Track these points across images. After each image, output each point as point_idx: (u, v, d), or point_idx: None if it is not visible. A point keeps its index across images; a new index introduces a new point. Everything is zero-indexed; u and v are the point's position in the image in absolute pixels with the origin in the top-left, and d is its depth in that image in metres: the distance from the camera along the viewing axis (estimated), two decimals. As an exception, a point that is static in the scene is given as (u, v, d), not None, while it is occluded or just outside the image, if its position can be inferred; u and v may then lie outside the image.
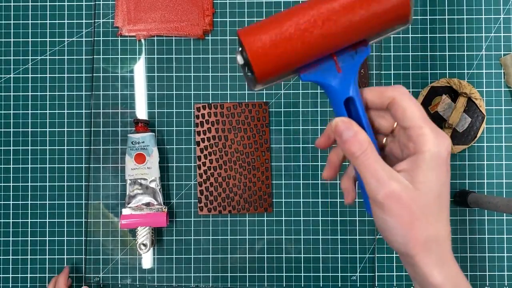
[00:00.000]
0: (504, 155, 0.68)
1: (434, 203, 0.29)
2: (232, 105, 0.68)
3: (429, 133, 0.29)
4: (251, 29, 0.30)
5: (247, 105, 0.68)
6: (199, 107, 0.68)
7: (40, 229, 0.69)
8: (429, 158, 0.29)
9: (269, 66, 0.30)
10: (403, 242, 0.30)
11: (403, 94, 0.30)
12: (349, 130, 0.30)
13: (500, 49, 0.69)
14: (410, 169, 0.29)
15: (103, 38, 0.70)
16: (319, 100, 0.69)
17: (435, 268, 0.30)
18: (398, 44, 0.69)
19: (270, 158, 0.69)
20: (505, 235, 0.68)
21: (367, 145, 0.30)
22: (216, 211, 0.68)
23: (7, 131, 0.69)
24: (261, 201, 0.68)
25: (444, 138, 0.29)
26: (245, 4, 0.70)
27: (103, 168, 0.69)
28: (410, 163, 0.30)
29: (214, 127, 0.68)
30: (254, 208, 0.68)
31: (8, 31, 0.70)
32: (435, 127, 0.30)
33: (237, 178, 0.68)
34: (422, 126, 0.29)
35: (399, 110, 0.30)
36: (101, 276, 0.69)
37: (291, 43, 0.29)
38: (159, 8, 0.69)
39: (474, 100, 0.67)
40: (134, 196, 0.66)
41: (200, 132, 0.68)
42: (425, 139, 0.29)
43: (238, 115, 0.68)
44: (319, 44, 0.30)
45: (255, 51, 0.29)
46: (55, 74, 0.70)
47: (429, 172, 0.29)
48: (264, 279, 0.68)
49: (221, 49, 0.70)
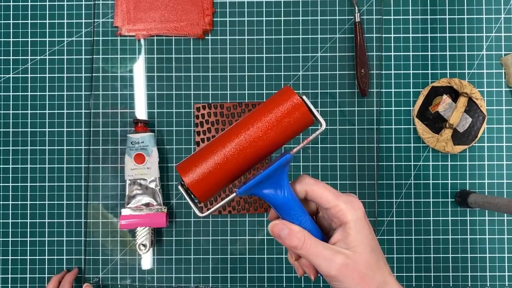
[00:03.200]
0: (504, 155, 0.68)
1: (371, 257, 0.36)
2: (232, 105, 0.68)
3: (345, 207, 0.36)
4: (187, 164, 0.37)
5: (247, 105, 0.68)
6: (198, 107, 0.68)
7: (40, 229, 0.69)
8: (353, 225, 0.36)
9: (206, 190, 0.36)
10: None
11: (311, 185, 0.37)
12: (284, 229, 0.36)
13: (501, 49, 0.69)
14: (343, 238, 0.36)
15: (103, 38, 0.70)
16: (319, 100, 0.69)
17: None
18: (398, 44, 0.69)
19: (270, 158, 0.68)
20: (506, 235, 0.68)
21: (303, 235, 0.36)
22: (216, 212, 0.68)
23: (7, 131, 0.69)
24: (261, 201, 0.68)
25: (356, 203, 0.36)
26: (245, 4, 0.69)
27: (102, 168, 0.69)
28: (341, 233, 0.36)
29: (214, 127, 0.68)
30: (254, 209, 0.68)
31: (8, 31, 0.70)
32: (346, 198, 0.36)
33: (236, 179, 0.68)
34: (338, 204, 0.36)
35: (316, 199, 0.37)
36: (101, 277, 0.69)
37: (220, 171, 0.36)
38: (159, 8, 0.69)
39: (475, 100, 0.67)
40: (134, 197, 0.66)
41: (200, 132, 0.68)
42: (344, 213, 0.36)
43: (238, 115, 0.68)
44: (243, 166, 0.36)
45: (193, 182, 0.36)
46: (55, 74, 0.69)
47: (358, 235, 0.36)
48: (264, 279, 0.68)
49: (221, 49, 0.69)
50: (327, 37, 0.69)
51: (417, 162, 0.69)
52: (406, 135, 0.69)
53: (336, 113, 0.69)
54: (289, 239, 0.36)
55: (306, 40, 0.69)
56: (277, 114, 0.35)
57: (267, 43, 0.69)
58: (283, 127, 0.35)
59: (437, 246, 0.68)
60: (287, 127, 0.35)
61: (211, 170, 0.36)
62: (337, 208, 0.36)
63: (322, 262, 0.36)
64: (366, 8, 0.69)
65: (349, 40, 0.69)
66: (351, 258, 0.36)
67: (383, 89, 0.69)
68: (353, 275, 0.36)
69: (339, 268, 0.35)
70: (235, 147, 0.36)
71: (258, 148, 0.36)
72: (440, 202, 0.68)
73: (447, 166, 0.68)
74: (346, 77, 0.69)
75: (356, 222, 0.36)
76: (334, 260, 0.35)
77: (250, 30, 0.69)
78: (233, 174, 0.36)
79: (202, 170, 0.36)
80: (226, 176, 0.36)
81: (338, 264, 0.35)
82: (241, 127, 0.36)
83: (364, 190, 0.68)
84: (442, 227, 0.68)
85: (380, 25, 0.69)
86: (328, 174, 0.68)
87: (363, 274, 0.36)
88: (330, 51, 0.69)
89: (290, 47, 0.69)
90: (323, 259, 0.36)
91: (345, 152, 0.68)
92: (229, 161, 0.36)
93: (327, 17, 0.69)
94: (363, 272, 0.36)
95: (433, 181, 0.68)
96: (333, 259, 0.35)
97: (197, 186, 0.36)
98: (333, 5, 0.69)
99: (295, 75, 0.69)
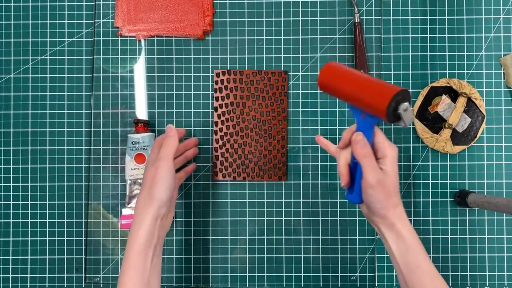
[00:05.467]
0: (504, 155, 0.68)
1: (395, 183, 0.52)
2: (252, 72, 0.68)
3: (388, 145, 0.52)
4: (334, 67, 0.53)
5: (267, 73, 0.68)
6: (218, 73, 0.68)
7: (40, 229, 0.69)
8: (389, 159, 0.51)
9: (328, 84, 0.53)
10: (382, 207, 0.51)
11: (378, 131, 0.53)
12: (363, 140, 0.51)
13: (500, 49, 0.69)
14: (383, 165, 0.51)
15: (103, 38, 0.70)
16: (319, 100, 0.69)
17: (397, 220, 0.51)
18: (398, 44, 0.69)
19: (287, 128, 0.69)
20: (505, 235, 0.68)
21: (370, 150, 0.51)
22: (231, 177, 0.68)
23: (7, 131, 0.69)
24: (276, 169, 0.68)
25: (394, 147, 0.52)
26: (245, 4, 0.70)
27: (103, 168, 0.69)
28: (382, 162, 0.52)
29: (233, 93, 0.68)
30: (268, 176, 0.68)
31: (8, 31, 0.70)
32: (390, 142, 0.52)
33: (253, 145, 0.68)
34: (384, 142, 0.52)
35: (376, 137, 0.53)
36: (101, 276, 0.69)
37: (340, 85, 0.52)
38: (159, 8, 0.69)
39: (474, 100, 0.67)
40: (134, 196, 0.66)
41: (219, 98, 0.68)
42: (387, 149, 0.51)
43: (257, 83, 0.68)
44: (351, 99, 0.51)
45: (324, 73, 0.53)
46: (55, 74, 0.70)
47: (392, 166, 0.51)
48: (264, 279, 0.69)
49: (221, 49, 0.70)
50: (327, 37, 0.69)
51: (416, 162, 0.69)
52: (405, 135, 0.69)
53: (336, 113, 0.69)
54: (362, 148, 0.50)
55: (306, 40, 0.69)
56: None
57: (267, 43, 0.69)
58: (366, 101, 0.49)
59: (436, 246, 0.68)
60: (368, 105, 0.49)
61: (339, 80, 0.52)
62: (383, 144, 0.52)
63: (371, 170, 0.50)
64: (365, 8, 0.69)
65: (348, 40, 0.69)
66: (385, 177, 0.51)
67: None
68: (383, 189, 0.50)
69: (378, 180, 0.50)
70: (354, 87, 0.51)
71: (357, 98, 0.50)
72: (439, 202, 0.68)
73: (446, 166, 0.69)
74: (346, 78, 0.69)
75: (393, 158, 0.51)
76: (378, 174, 0.50)
77: (250, 30, 0.70)
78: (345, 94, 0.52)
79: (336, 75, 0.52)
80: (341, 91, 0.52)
81: (378, 177, 0.50)
82: None
83: (363, 190, 0.68)
84: (441, 227, 0.68)
85: (379, 26, 0.69)
86: (328, 174, 0.69)
87: (388, 191, 0.51)
88: (329, 51, 0.69)
89: (290, 47, 0.69)
90: (372, 168, 0.50)
91: (344, 152, 0.69)
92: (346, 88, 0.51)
93: (327, 17, 0.69)
94: (389, 190, 0.51)
95: (432, 181, 0.69)
96: (378, 173, 0.50)
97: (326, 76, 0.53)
98: (333, 6, 0.69)
99: (295, 75, 0.69)
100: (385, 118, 0.48)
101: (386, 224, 0.52)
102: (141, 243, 0.52)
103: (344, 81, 0.51)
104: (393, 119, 0.48)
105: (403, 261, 0.51)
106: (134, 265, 0.52)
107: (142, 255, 0.52)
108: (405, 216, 0.52)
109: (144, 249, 0.52)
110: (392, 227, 0.52)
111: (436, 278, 0.51)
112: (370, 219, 0.54)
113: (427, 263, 0.51)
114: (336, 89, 0.52)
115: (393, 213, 0.51)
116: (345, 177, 0.54)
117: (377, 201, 0.51)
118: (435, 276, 0.51)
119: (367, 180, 0.50)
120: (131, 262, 0.52)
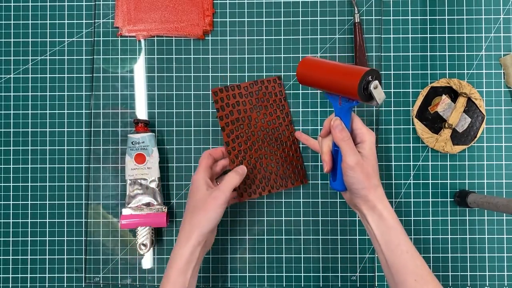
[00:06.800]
0: (504, 155, 0.68)
1: (374, 166, 0.55)
2: (249, 84, 0.67)
3: (366, 131, 0.56)
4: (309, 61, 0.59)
5: (263, 82, 0.68)
6: (216, 92, 0.66)
7: (40, 229, 0.69)
8: (369, 143, 0.55)
9: (306, 76, 0.59)
10: (363, 188, 0.54)
11: (355, 117, 0.57)
12: (340, 125, 0.55)
13: (500, 49, 0.69)
14: (360, 150, 0.55)
15: (103, 38, 0.70)
16: (319, 100, 0.69)
17: (378, 201, 0.54)
18: (398, 44, 0.69)
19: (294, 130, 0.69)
20: (505, 235, 0.68)
21: (348, 134, 0.55)
22: (256, 194, 0.66)
23: (7, 131, 0.69)
24: (296, 174, 0.68)
25: (372, 132, 0.56)
26: (245, 4, 0.70)
27: (103, 168, 0.69)
28: (361, 146, 0.55)
29: (236, 109, 0.66)
30: (291, 183, 0.67)
31: (8, 31, 0.70)
32: (368, 128, 0.57)
33: (268, 156, 0.66)
34: (362, 129, 0.56)
35: (354, 123, 0.57)
36: (101, 276, 0.69)
37: (317, 76, 0.57)
38: (159, 8, 0.69)
39: (474, 100, 0.67)
40: (134, 196, 0.66)
41: (223, 116, 0.65)
42: (365, 135, 0.56)
43: (257, 93, 0.67)
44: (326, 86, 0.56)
45: (301, 67, 0.59)
46: (55, 74, 0.70)
47: (370, 150, 0.55)
48: (264, 279, 0.69)
49: (221, 49, 0.70)
50: (327, 37, 0.69)
51: (416, 162, 0.69)
52: (405, 135, 0.69)
53: (336, 113, 0.69)
54: (340, 132, 0.54)
55: (306, 40, 0.69)
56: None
57: (267, 43, 0.69)
58: (339, 83, 0.54)
59: (436, 246, 0.68)
60: (341, 87, 0.53)
61: (314, 70, 0.57)
62: (361, 130, 0.56)
63: (350, 153, 0.53)
64: (365, 8, 0.69)
65: (348, 40, 0.69)
66: (364, 160, 0.54)
67: (383, 89, 0.69)
68: (362, 170, 0.53)
69: (357, 162, 0.53)
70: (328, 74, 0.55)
71: (330, 83, 0.55)
72: (439, 202, 0.68)
73: (446, 166, 0.69)
74: (346, 78, 0.69)
75: (371, 143, 0.55)
76: (357, 156, 0.54)
77: (250, 30, 0.70)
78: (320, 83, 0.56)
79: (311, 67, 0.58)
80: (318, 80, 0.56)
81: (356, 159, 0.53)
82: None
83: (363, 190, 0.68)
84: (441, 227, 0.68)
85: (379, 26, 0.69)
86: (328, 174, 0.69)
87: (368, 173, 0.54)
88: (329, 51, 0.69)
89: (290, 47, 0.69)
90: (351, 151, 0.54)
91: (344, 152, 0.69)
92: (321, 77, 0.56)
93: (327, 17, 0.69)
94: (369, 173, 0.54)
95: (432, 181, 0.69)
96: (357, 156, 0.54)
97: (302, 70, 0.58)
98: (333, 6, 0.69)
99: (295, 75, 0.69)
100: (358, 97, 0.51)
101: (368, 205, 0.55)
102: (182, 263, 0.55)
103: (319, 71, 0.56)
104: (365, 98, 0.52)
105: (384, 240, 0.53)
106: (173, 283, 0.54)
107: (182, 273, 0.55)
108: (385, 198, 0.55)
109: (184, 268, 0.55)
110: (373, 208, 0.54)
111: (417, 258, 0.53)
112: (353, 203, 0.57)
113: (408, 243, 0.53)
114: (313, 79, 0.57)
115: (374, 195, 0.54)
116: (327, 163, 0.58)
117: (358, 182, 0.54)
118: (416, 255, 0.53)
119: (346, 162, 0.54)
120: (171, 280, 0.54)
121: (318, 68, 0.56)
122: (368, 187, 0.54)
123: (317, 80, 0.56)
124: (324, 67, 0.56)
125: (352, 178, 0.54)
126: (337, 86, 0.53)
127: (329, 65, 0.55)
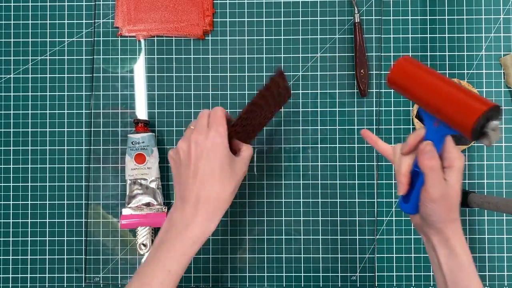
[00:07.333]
0: (504, 155, 0.68)
1: (457, 197, 0.47)
2: None
3: (457, 156, 0.47)
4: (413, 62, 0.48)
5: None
6: None
7: (40, 229, 0.69)
8: (457, 169, 0.47)
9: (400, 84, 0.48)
10: (440, 221, 0.47)
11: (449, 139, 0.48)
12: (431, 152, 0.46)
13: (500, 49, 0.69)
14: (448, 176, 0.47)
15: (103, 38, 0.70)
16: (319, 100, 0.69)
17: (453, 235, 0.48)
18: (398, 44, 0.69)
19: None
20: (505, 235, 0.68)
21: (438, 163, 0.46)
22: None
23: (7, 131, 0.69)
24: None
25: (462, 156, 0.47)
26: (245, 4, 0.70)
27: (103, 168, 0.69)
28: (448, 173, 0.47)
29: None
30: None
31: (8, 31, 0.70)
32: (458, 150, 0.48)
33: None
34: (453, 151, 0.47)
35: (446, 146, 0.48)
36: (101, 276, 0.69)
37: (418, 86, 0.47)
38: (159, 8, 0.69)
39: (474, 100, 0.67)
40: (134, 196, 0.66)
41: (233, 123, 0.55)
42: (455, 159, 0.47)
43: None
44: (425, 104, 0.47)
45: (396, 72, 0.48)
46: (55, 74, 0.70)
47: (457, 178, 0.47)
48: (264, 279, 0.69)
49: (221, 49, 0.70)
50: (327, 37, 0.69)
51: (417, 162, 0.69)
52: (405, 135, 0.69)
53: (336, 113, 0.69)
54: (430, 160, 0.46)
55: (306, 40, 0.69)
56: None
57: (267, 43, 0.69)
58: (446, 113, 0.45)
59: (437, 246, 0.68)
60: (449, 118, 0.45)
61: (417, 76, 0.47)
62: (452, 154, 0.47)
63: (436, 184, 0.46)
64: (365, 8, 0.69)
65: (348, 40, 0.69)
66: (449, 191, 0.46)
67: (383, 89, 0.69)
68: (445, 203, 0.46)
69: (442, 195, 0.46)
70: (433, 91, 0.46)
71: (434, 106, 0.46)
72: (439, 202, 0.68)
73: (447, 166, 0.69)
74: (346, 78, 0.69)
75: (458, 169, 0.47)
76: (442, 185, 0.46)
77: (250, 30, 0.70)
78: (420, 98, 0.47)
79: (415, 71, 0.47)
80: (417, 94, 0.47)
81: (442, 191, 0.46)
82: None
83: (364, 190, 0.68)
84: (442, 227, 0.68)
85: (379, 26, 0.69)
86: (328, 174, 0.69)
87: (450, 206, 0.47)
88: (329, 51, 0.69)
89: (290, 47, 0.69)
90: (438, 182, 0.46)
91: (345, 152, 0.69)
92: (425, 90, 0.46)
93: (327, 17, 0.69)
94: (451, 204, 0.47)
95: (432, 181, 0.69)
96: (442, 184, 0.46)
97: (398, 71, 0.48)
98: (333, 6, 0.69)
99: (295, 75, 0.69)
100: (469, 136, 0.43)
101: (441, 237, 0.49)
102: (197, 245, 0.55)
103: (420, 84, 0.46)
104: (476, 137, 0.43)
105: (453, 279, 0.49)
106: None
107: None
108: (462, 232, 0.49)
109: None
110: (446, 242, 0.49)
111: None
112: (422, 230, 0.52)
113: (479, 286, 0.49)
114: (409, 91, 0.47)
115: (450, 228, 0.48)
116: (405, 187, 0.50)
117: (436, 215, 0.47)
118: None
119: (430, 193, 0.46)
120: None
121: (419, 80, 0.46)
122: (445, 220, 0.48)
123: (416, 94, 0.47)
124: (428, 82, 0.46)
125: (431, 211, 0.47)
126: (443, 113, 0.45)
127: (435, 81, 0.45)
